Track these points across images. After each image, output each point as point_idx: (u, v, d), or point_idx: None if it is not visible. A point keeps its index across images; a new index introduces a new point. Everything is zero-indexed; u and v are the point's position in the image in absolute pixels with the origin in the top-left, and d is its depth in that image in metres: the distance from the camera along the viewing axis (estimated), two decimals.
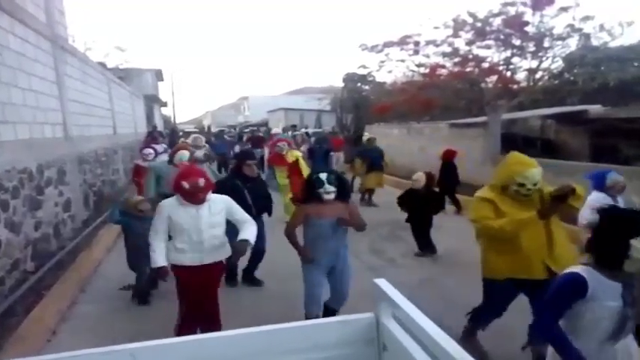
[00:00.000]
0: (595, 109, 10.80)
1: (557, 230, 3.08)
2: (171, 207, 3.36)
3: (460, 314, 3.72)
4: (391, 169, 10.80)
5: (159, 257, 3.34)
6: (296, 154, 7.76)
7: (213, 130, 33.10)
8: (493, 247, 3.20)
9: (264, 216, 5.04)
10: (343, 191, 3.63)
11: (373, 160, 9.68)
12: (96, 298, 4.91)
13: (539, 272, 3.03)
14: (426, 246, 6.07)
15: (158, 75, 29.96)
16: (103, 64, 15.53)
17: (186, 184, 3.24)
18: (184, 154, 6.16)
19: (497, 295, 3.35)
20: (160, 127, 26.61)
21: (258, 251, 4.94)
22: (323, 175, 3.53)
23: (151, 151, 7.89)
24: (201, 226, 3.31)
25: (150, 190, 5.79)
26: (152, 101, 26.68)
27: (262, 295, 4.86)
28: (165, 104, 33.37)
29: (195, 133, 20.93)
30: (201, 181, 3.27)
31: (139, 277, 4.68)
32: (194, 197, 3.29)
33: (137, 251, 4.47)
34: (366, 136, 11.07)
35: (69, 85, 8.27)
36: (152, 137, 15.63)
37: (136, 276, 4.70)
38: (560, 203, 2.95)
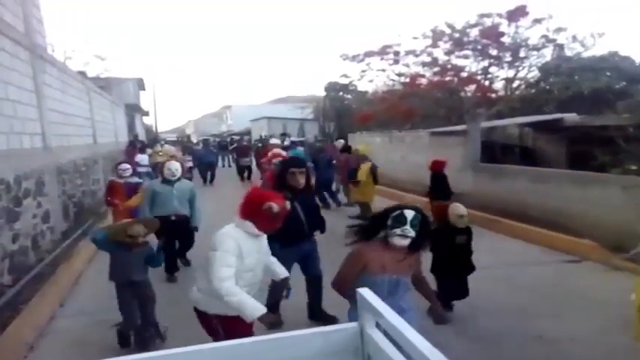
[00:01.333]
0: (570, 117, 11.08)
1: None
2: (239, 238, 2.69)
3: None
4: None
5: (255, 303, 2.55)
6: None
7: (193, 139, 32.87)
8: None
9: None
10: (422, 239, 2.63)
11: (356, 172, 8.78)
12: (75, 313, 4.81)
13: None
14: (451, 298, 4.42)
15: (140, 84, 29.64)
16: (83, 73, 15.33)
17: (275, 207, 2.64)
18: (174, 165, 5.57)
19: None
20: (141, 136, 26.30)
21: (317, 277, 4.22)
22: (409, 213, 2.55)
23: (128, 166, 7.10)
24: (262, 261, 2.82)
25: (144, 214, 5.28)
26: (133, 110, 26.37)
27: None
28: (147, 113, 33.01)
29: (169, 143, 20.75)
30: (288, 204, 2.74)
31: (127, 321, 3.77)
32: (274, 225, 2.75)
33: (122, 290, 3.75)
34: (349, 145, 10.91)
35: (48, 95, 8.15)
36: (133, 147, 15.48)
37: (123, 319, 3.79)
38: None
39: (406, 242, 2.53)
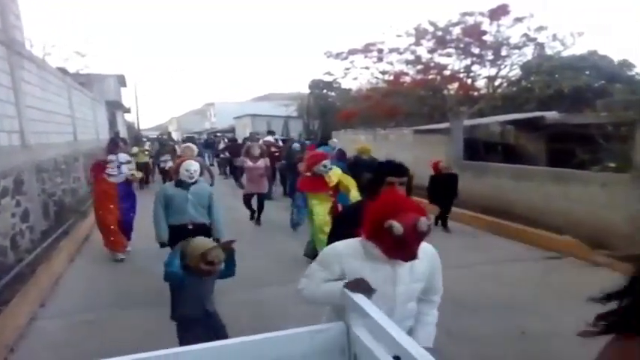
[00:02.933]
0: (551, 115, 11.27)
1: None
2: (353, 257, 1.97)
3: None
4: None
5: (335, 284, 1.95)
6: (337, 173, 5.71)
7: (175, 136, 32.52)
8: None
9: None
10: None
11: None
12: (57, 313, 4.72)
13: None
14: None
15: (121, 80, 29.24)
16: (63, 70, 15.05)
17: (398, 228, 1.78)
18: (193, 165, 4.66)
19: None
20: (123, 133, 25.91)
21: None
22: None
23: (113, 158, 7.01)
24: (397, 297, 1.96)
25: (160, 222, 4.59)
26: (115, 107, 25.97)
27: (232, 304, 4.78)
28: (128, 110, 32.59)
29: (151, 141, 20.22)
30: (424, 222, 1.82)
31: None
32: (402, 252, 1.87)
33: (193, 324, 3.01)
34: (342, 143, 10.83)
35: (26, 91, 7.97)
36: (114, 144, 15.21)
37: None
38: None
39: None
